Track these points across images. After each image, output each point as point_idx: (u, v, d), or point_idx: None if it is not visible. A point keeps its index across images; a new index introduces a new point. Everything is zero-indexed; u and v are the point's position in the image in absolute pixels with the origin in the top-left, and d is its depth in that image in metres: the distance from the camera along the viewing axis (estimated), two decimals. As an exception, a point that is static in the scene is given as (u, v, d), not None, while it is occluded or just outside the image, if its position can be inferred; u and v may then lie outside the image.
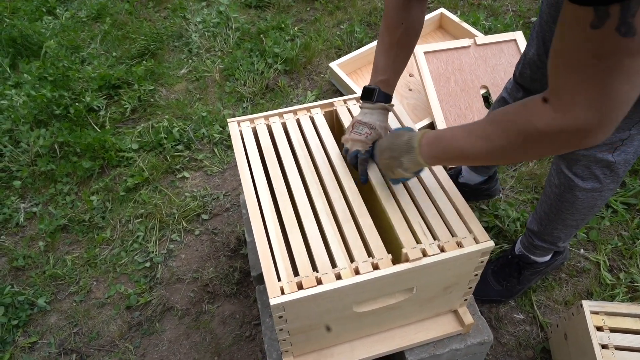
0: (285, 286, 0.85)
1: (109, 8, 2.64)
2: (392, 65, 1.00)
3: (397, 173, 0.92)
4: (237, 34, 2.41)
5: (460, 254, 0.89)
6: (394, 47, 0.98)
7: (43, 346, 1.42)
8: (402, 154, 0.88)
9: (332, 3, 2.59)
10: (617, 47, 0.54)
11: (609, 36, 0.53)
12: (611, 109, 0.60)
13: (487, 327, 1.12)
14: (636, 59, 0.55)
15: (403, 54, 1.00)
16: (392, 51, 0.98)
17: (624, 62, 0.55)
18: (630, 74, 0.56)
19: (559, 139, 0.65)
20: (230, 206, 1.73)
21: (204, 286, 1.51)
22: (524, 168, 1.73)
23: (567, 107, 0.61)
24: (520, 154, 0.75)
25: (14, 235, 1.70)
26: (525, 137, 0.68)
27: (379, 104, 1.02)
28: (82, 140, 1.88)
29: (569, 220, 1.16)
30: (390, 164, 0.92)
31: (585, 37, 0.55)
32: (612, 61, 0.55)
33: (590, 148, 1.00)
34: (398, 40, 0.97)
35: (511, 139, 0.70)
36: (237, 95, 2.12)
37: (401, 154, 0.88)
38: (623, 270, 1.44)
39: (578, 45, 0.57)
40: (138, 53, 2.36)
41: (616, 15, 0.52)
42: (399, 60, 1.00)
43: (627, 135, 0.95)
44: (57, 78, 2.13)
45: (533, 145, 0.69)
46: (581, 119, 0.61)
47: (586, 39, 0.55)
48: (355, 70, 2.13)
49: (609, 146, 0.98)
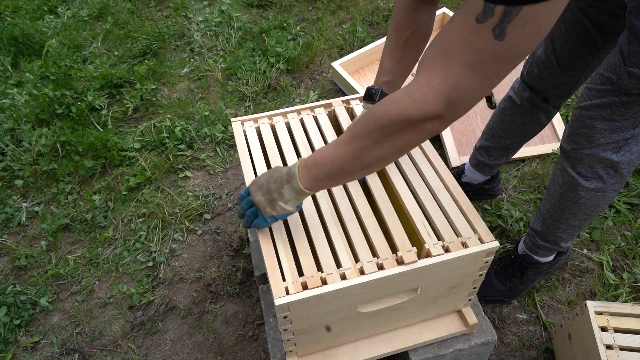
0: (290, 286, 0.85)
1: (110, 7, 2.64)
2: (396, 68, 0.99)
3: (278, 208, 0.84)
4: (239, 33, 2.41)
5: (465, 254, 0.89)
6: (399, 49, 0.97)
7: (45, 346, 1.42)
8: (283, 185, 0.82)
9: (334, 2, 2.58)
10: (486, 46, 0.57)
11: (485, 34, 0.56)
12: (457, 102, 0.63)
13: (491, 327, 1.12)
14: (496, 62, 0.59)
15: (409, 57, 0.99)
16: (397, 53, 0.98)
17: (485, 62, 0.59)
18: (486, 75, 0.60)
19: (409, 127, 0.67)
20: (233, 206, 1.73)
21: (206, 286, 1.51)
22: (526, 168, 1.73)
23: (421, 93, 0.64)
24: (383, 149, 0.72)
25: (16, 234, 1.70)
26: (382, 127, 0.69)
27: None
28: (84, 140, 1.88)
29: (572, 220, 1.16)
30: (271, 198, 0.84)
31: (468, 28, 0.58)
32: (477, 57, 0.59)
33: (594, 147, 1.00)
34: (404, 43, 0.96)
35: (370, 134, 0.70)
36: (240, 95, 2.12)
37: (282, 185, 0.82)
38: (626, 271, 1.43)
39: (459, 31, 0.60)
40: (140, 52, 2.35)
41: (498, 17, 0.55)
42: (404, 62, 0.99)
43: (631, 134, 0.95)
44: (59, 77, 2.13)
45: (391, 136, 0.69)
46: (429, 106, 0.63)
47: (468, 29, 0.58)
48: (358, 70, 2.13)
49: (612, 145, 0.98)
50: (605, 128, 0.96)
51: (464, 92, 0.62)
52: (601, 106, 0.94)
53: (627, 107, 0.91)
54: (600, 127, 0.96)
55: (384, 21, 2.46)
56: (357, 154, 0.73)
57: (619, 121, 0.93)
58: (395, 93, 0.69)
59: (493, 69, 0.60)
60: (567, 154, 1.08)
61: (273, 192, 0.83)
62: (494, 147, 1.42)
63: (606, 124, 0.95)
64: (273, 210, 0.85)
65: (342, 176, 0.79)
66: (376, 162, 0.74)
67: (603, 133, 0.97)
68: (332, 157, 0.77)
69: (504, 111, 1.32)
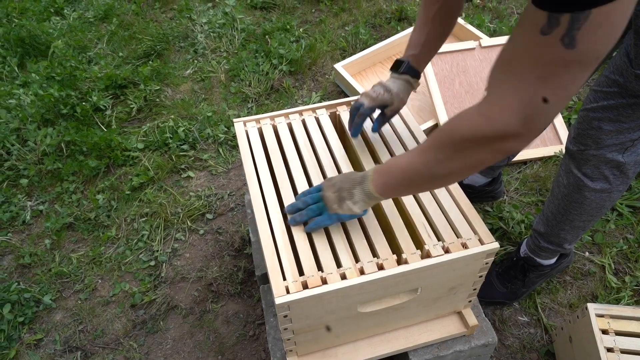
0: (290, 285, 0.86)
1: (115, 9, 2.66)
2: (424, 42, 1.00)
3: (345, 207, 0.87)
4: (243, 35, 2.42)
5: (465, 255, 0.89)
6: (428, 24, 0.98)
7: (48, 343, 1.43)
8: (355, 185, 0.86)
9: (337, 5, 2.60)
10: (557, 56, 0.55)
11: (553, 45, 0.54)
12: (534, 118, 0.61)
13: (491, 329, 1.12)
14: (569, 71, 0.56)
15: (437, 32, 0.99)
16: (425, 27, 0.98)
17: (558, 73, 0.57)
18: (560, 85, 0.58)
19: (482, 145, 0.65)
20: (235, 206, 1.74)
21: (208, 285, 1.52)
22: (528, 170, 1.73)
23: (493, 111, 0.62)
24: (453, 165, 0.72)
25: (21, 233, 1.72)
26: (454, 144, 0.69)
27: (404, 75, 1.03)
28: (89, 140, 1.89)
29: (576, 222, 1.16)
30: (340, 196, 0.87)
31: (533, 41, 0.56)
32: (548, 70, 0.57)
33: (601, 148, 1.00)
34: (433, 17, 0.96)
35: (443, 149, 0.70)
36: (242, 96, 2.13)
37: (354, 186, 0.86)
38: (629, 274, 1.43)
39: (524, 47, 0.58)
40: (144, 53, 2.37)
41: (564, 25, 0.53)
42: (431, 37, 0.99)
43: (638, 135, 0.95)
44: (65, 78, 2.15)
45: (462, 153, 0.68)
46: (503, 124, 0.62)
47: (534, 43, 0.56)
48: (360, 72, 2.13)
49: (619, 146, 0.98)
50: (612, 129, 0.96)
51: (539, 106, 0.59)
52: (608, 108, 0.95)
53: (634, 109, 0.91)
54: (607, 128, 0.96)
55: (386, 23, 2.47)
56: (429, 166, 0.74)
57: (626, 122, 0.94)
58: (466, 111, 0.68)
59: (568, 78, 0.57)
60: (573, 155, 1.08)
61: (344, 191, 0.86)
62: (495, 149, 1.42)
63: (613, 126, 0.95)
64: (340, 208, 0.87)
65: (412, 186, 0.81)
66: (447, 177, 0.75)
67: (610, 134, 0.97)
68: (403, 166, 0.78)
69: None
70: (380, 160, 1.06)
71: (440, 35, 1.00)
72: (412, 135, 1.11)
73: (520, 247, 1.39)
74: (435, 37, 1.00)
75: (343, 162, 1.06)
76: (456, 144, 0.69)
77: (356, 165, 1.08)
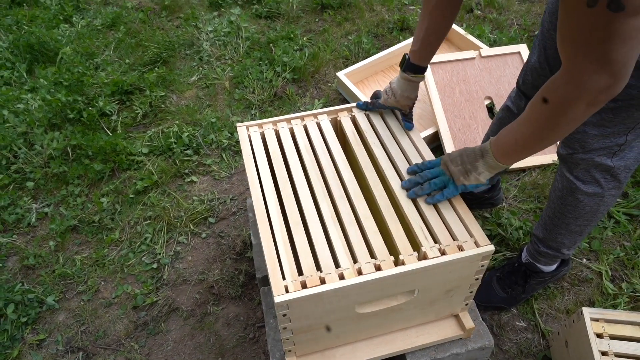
0: (289, 285, 0.88)
1: (123, 17, 2.72)
2: (423, 36, 1.03)
3: (472, 178, 0.96)
4: (247, 43, 2.47)
5: (460, 257, 0.91)
6: (426, 19, 1.01)
7: (51, 343, 1.45)
8: (478, 159, 0.94)
9: (340, 14, 2.64)
10: (609, 20, 0.63)
11: (602, 13, 0.63)
12: (617, 66, 0.69)
13: (487, 332, 1.13)
14: (626, 24, 0.64)
15: (434, 27, 1.02)
16: (424, 22, 1.02)
17: (618, 30, 0.65)
18: (625, 38, 0.66)
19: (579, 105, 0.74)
20: (237, 210, 1.76)
21: (209, 288, 1.54)
22: (527, 178, 1.75)
23: (577, 77, 0.72)
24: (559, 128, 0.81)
25: (26, 234, 1.74)
26: (555, 114, 0.78)
27: (404, 74, 1.09)
28: (94, 144, 1.93)
29: (572, 225, 1.18)
30: (465, 169, 0.96)
31: (584, 15, 0.65)
32: (607, 31, 0.65)
33: (588, 152, 1.03)
34: (430, 12, 0.99)
35: (547, 119, 0.79)
36: (246, 103, 2.16)
37: (476, 159, 0.95)
38: (625, 280, 1.44)
39: (578, 23, 0.67)
40: (150, 60, 2.42)
41: None
42: (431, 31, 1.02)
43: (624, 140, 0.98)
44: (72, 83, 2.19)
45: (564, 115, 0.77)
46: (594, 84, 0.71)
47: (584, 16, 0.65)
48: (362, 80, 2.17)
49: (606, 150, 1.01)
50: (596, 133, 0.99)
51: (617, 59, 0.68)
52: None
53: (615, 113, 0.94)
54: (592, 132, 0.99)
55: (388, 33, 2.51)
56: (539, 134, 0.83)
57: (609, 127, 0.97)
58: (553, 83, 0.77)
59: (627, 30, 0.65)
60: (563, 158, 1.11)
61: (467, 164, 0.96)
62: (493, 156, 1.45)
63: (597, 130, 0.98)
64: (466, 180, 0.97)
65: (527, 151, 0.89)
66: (557, 135, 0.83)
67: (595, 138, 1.00)
68: (515, 137, 0.88)
69: (501, 120, 1.35)
70: (380, 164, 1.09)
71: (437, 30, 1.02)
72: (412, 142, 1.14)
73: (522, 253, 1.40)
74: (435, 30, 1.02)
75: (343, 166, 1.09)
76: (557, 113, 0.78)
77: (356, 169, 1.11)
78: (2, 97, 2.17)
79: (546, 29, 1.10)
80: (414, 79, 1.09)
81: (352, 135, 1.17)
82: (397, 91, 1.12)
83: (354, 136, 1.17)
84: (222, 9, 2.76)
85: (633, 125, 0.95)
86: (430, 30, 1.02)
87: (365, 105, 1.21)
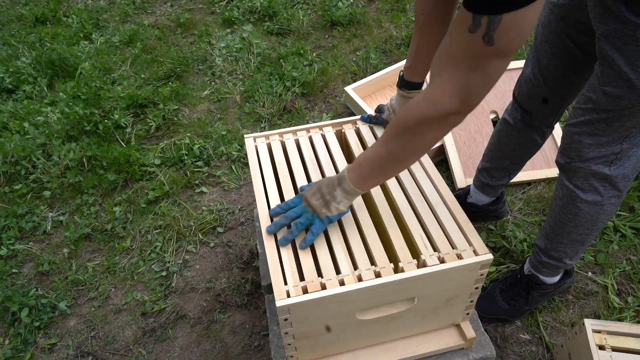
0: (291, 290, 0.90)
1: (140, 34, 2.82)
2: (414, 53, 1.06)
3: (333, 209, 0.94)
4: (258, 58, 2.54)
5: (459, 265, 0.93)
6: (416, 35, 1.04)
7: (61, 348, 1.49)
8: (335, 187, 0.93)
9: (349, 31, 2.71)
10: (480, 51, 0.69)
11: (477, 41, 0.68)
12: (468, 97, 0.74)
13: (489, 343, 1.13)
14: (492, 62, 0.70)
15: (425, 43, 1.03)
16: (415, 39, 1.05)
17: (483, 63, 0.71)
18: (486, 73, 0.72)
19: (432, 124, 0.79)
20: (245, 220, 1.80)
21: (216, 296, 1.57)
22: (532, 191, 1.76)
23: (437, 95, 0.76)
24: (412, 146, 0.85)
25: (41, 242, 1.80)
26: (409, 129, 0.81)
27: (400, 91, 1.13)
28: (109, 155, 2.00)
29: (573, 234, 1.19)
30: (325, 200, 0.94)
31: (464, 38, 0.69)
32: (476, 61, 0.71)
33: (584, 160, 1.06)
34: (420, 28, 1.02)
35: (401, 135, 0.83)
36: (256, 116, 2.22)
37: (334, 188, 0.93)
38: (631, 295, 1.43)
39: (458, 42, 0.71)
40: (165, 75, 2.50)
41: (484, 26, 0.65)
42: (421, 47, 1.04)
43: (619, 149, 1.00)
44: (90, 97, 2.28)
45: (418, 134, 0.81)
46: (446, 104, 0.76)
47: (464, 39, 0.69)
48: (370, 95, 2.21)
49: (603, 159, 1.03)
50: (592, 143, 1.01)
51: (472, 89, 0.74)
52: (586, 123, 1.01)
53: (608, 123, 0.97)
54: (587, 142, 1.02)
55: (396, 49, 2.56)
56: (393, 152, 0.86)
57: (604, 136, 0.99)
58: (415, 99, 0.81)
59: (491, 68, 0.71)
60: (562, 167, 1.13)
61: (326, 195, 0.94)
62: (494, 168, 1.47)
63: (592, 139, 1.01)
64: (328, 211, 0.94)
65: (383, 174, 0.92)
66: (409, 158, 0.87)
67: (591, 147, 1.02)
68: (372, 158, 0.89)
69: (500, 133, 1.38)
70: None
71: (430, 45, 1.03)
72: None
73: (524, 264, 1.41)
74: (426, 46, 1.04)
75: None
76: (411, 128, 0.81)
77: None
78: (24, 110, 2.26)
79: (539, 41, 1.14)
80: (409, 95, 1.11)
81: (356, 146, 1.20)
82: (396, 107, 1.15)
83: (357, 147, 1.20)
84: (234, 26, 2.85)
85: (626, 133, 0.97)
86: (422, 46, 1.04)
87: (369, 118, 1.24)
